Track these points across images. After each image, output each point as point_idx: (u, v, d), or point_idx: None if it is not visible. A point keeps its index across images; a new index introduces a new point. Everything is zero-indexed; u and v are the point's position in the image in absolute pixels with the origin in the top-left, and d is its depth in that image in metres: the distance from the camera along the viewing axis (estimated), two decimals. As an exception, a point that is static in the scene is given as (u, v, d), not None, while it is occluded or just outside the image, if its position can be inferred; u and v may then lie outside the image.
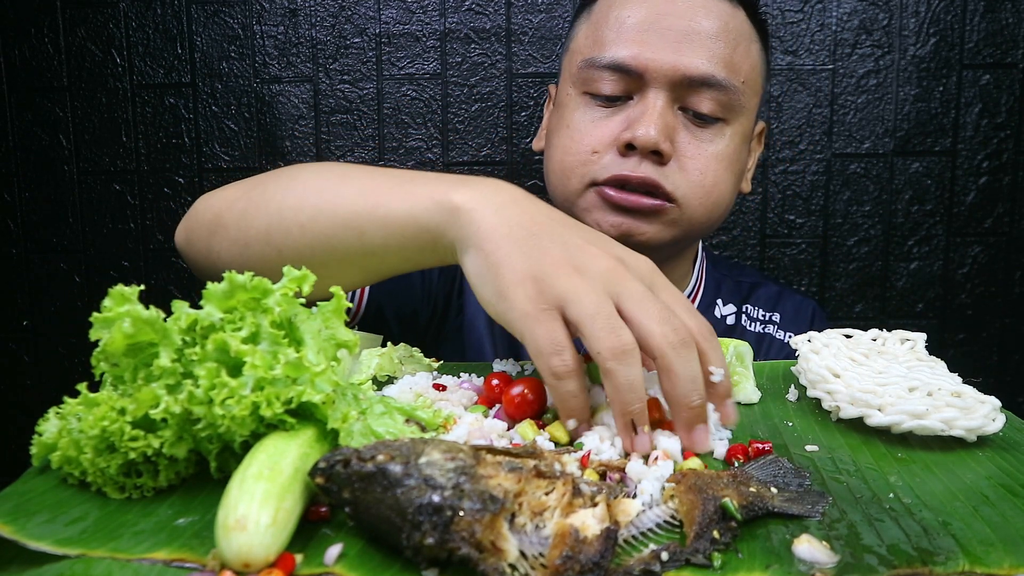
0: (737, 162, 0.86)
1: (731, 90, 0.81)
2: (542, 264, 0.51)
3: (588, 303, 0.49)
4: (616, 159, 0.81)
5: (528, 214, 0.54)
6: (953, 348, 1.39)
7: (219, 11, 1.32)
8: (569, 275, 0.50)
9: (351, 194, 0.61)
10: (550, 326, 0.49)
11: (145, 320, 0.44)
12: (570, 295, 0.49)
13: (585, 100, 0.85)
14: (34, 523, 0.41)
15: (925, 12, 1.29)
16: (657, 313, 0.49)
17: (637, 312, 0.49)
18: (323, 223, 0.62)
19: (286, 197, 0.65)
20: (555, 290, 0.49)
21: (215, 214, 0.70)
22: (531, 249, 0.52)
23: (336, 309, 0.50)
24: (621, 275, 0.51)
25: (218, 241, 0.69)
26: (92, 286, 1.41)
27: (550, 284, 0.50)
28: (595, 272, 0.50)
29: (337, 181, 0.64)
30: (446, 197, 0.56)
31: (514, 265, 0.51)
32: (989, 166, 1.33)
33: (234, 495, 0.37)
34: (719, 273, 1.03)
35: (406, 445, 0.39)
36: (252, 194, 0.68)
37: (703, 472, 0.44)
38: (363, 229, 0.60)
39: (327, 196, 0.62)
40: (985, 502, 0.44)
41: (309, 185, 0.65)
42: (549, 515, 0.38)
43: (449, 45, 1.32)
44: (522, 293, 0.50)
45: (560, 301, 0.49)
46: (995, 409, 0.54)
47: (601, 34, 0.83)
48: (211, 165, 1.36)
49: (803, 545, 0.38)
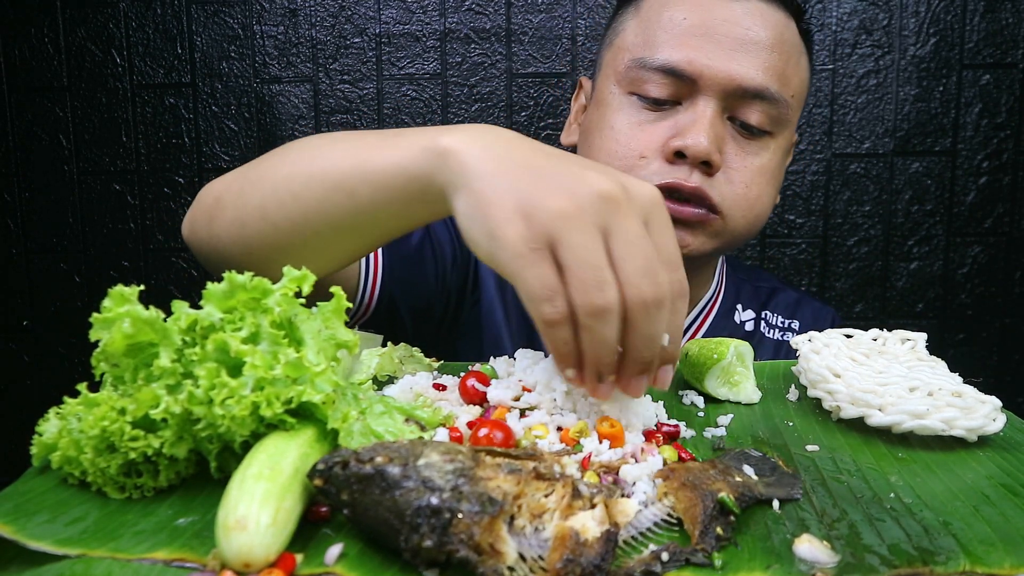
0: (778, 175, 0.86)
1: (781, 104, 0.80)
2: (532, 196, 0.47)
3: (577, 245, 0.46)
4: (664, 166, 0.79)
5: (521, 149, 0.52)
6: (953, 348, 1.39)
7: (219, 11, 1.32)
8: (561, 208, 0.46)
9: (339, 156, 0.60)
10: (541, 269, 0.46)
11: (145, 320, 0.44)
12: (561, 232, 0.46)
13: (630, 101, 0.83)
14: (34, 523, 0.41)
15: (925, 12, 1.29)
16: (643, 263, 0.47)
17: (623, 256, 0.47)
18: (315, 188, 0.60)
19: (278, 169, 0.64)
20: (546, 226, 0.46)
21: (215, 198, 0.69)
22: (522, 181, 0.48)
23: (336, 309, 0.50)
24: (616, 206, 0.47)
25: (218, 224, 0.67)
26: (92, 286, 1.41)
27: (540, 220, 0.46)
28: (589, 201, 0.47)
29: (327, 146, 0.63)
30: (433, 142, 0.53)
31: (503, 200, 0.48)
32: (989, 166, 1.33)
33: (234, 495, 0.37)
34: (738, 277, 1.02)
35: (404, 447, 0.38)
36: (248, 173, 0.67)
37: (691, 465, 0.45)
38: (353, 188, 0.58)
39: (317, 162, 0.61)
40: (986, 502, 0.44)
41: (300, 154, 0.64)
42: (548, 517, 0.38)
43: (449, 45, 1.32)
44: (512, 231, 0.47)
45: (551, 239, 0.46)
46: (995, 409, 0.54)
47: (652, 34, 0.81)
48: (211, 165, 1.36)
49: (804, 545, 0.38)
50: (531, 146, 0.52)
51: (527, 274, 0.47)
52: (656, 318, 0.48)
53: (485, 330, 0.93)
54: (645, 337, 0.48)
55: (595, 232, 0.46)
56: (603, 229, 0.47)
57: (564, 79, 1.32)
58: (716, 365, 0.62)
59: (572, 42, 1.32)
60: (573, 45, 1.32)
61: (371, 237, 0.64)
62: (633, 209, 0.48)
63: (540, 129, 1.34)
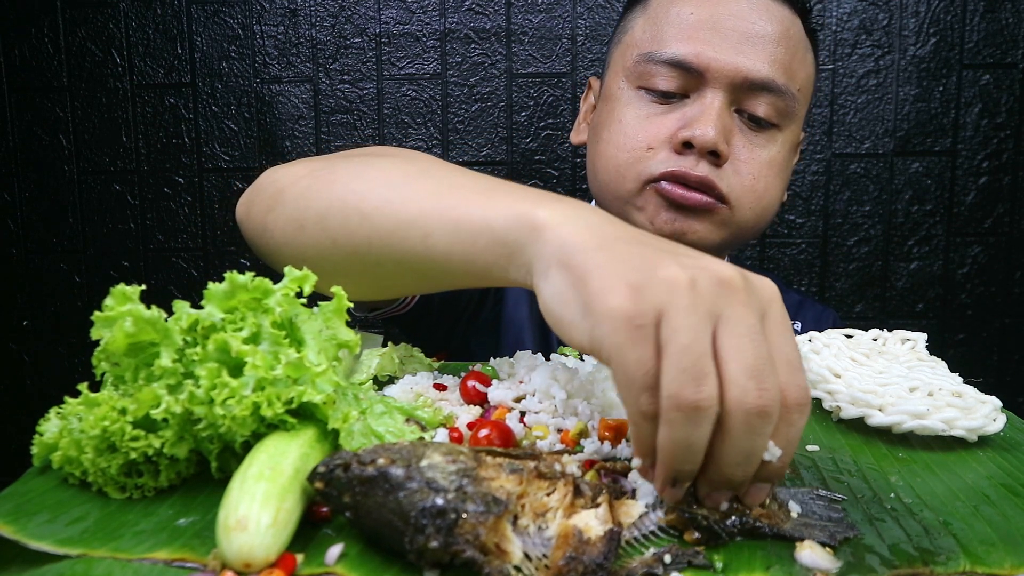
0: (786, 169, 0.86)
1: (788, 96, 0.81)
2: (642, 268, 0.41)
3: (684, 326, 0.39)
4: (671, 156, 0.80)
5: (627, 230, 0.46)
6: (953, 348, 1.39)
7: (219, 11, 1.32)
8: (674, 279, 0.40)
9: (424, 190, 0.55)
10: (644, 350, 0.39)
11: (146, 320, 0.44)
12: (669, 307, 0.39)
13: (639, 95, 0.84)
14: (35, 523, 0.41)
15: (925, 12, 1.29)
16: (752, 361, 0.39)
17: (730, 350, 0.39)
18: (387, 215, 0.55)
19: (352, 181, 0.59)
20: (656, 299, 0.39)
21: (278, 188, 0.64)
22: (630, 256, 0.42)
23: (337, 309, 0.50)
24: (734, 295, 0.41)
25: (274, 218, 0.63)
26: (92, 286, 1.41)
27: (651, 291, 0.40)
28: (706, 285, 0.40)
29: (414, 175, 0.57)
30: (530, 211, 0.48)
31: (606, 272, 0.41)
32: (989, 166, 1.33)
33: (235, 495, 0.37)
34: None
35: (406, 448, 0.38)
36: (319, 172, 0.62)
37: None
38: (430, 230, 0.53)
39: (397, 188, 0.56)
40: (986, 502, 0.45)
41: (382, 173, 0.59)
42: (551, 516, 0.38)
43: (449, 45, 1.32)
44: (615, 301, 0.40)
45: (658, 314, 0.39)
46: (996, 409, 0.54)
47: (660, 29, 0.82)
48: (211, 165, 1.36)
49: (805, 551, 0.38)
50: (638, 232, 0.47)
51: (628, 355, 0.39)
52: (758, 430, 0.39)
53: (505, 332, 0.92)
54: (740, 451, 0.40)
55: (705, 317, 0.40)
56: (714, 316, 0.40)
57: (564, 79, 1.32)
58: (716, 365, 0.62)
59: (572, 42, 1.32)
60: (573, 45, 1.32)
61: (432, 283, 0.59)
62: (751, 299, 0.41)
63: (540, 129, 1.34)
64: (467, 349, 0.92)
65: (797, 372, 0.41)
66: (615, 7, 1.33)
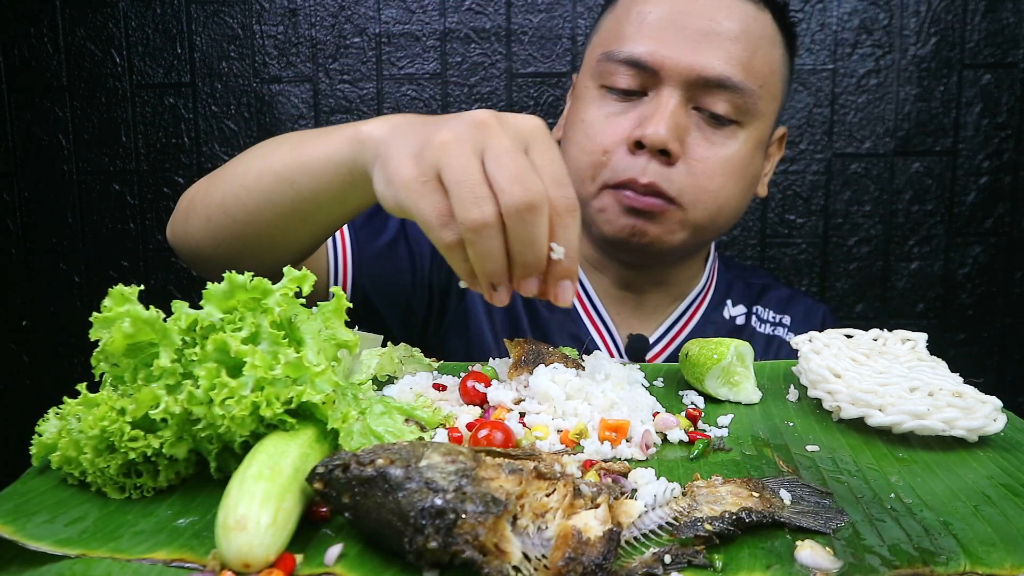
0: (749, 167, 0.86)
1: (747, 93, 0.81)
2: (420, 139, 0.53)
3: (456, 167, 0.50)
4: (626, 158, 0.81)
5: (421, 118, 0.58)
6: (954, 348, 1.39)
7: (219, 11, 1.32)
8: (442, 140, 0.51)
9: (283, 152, 0.68)
10: (432, 198, 0.51)
11: (145, 320, 0.44)
12: (442, 160, 0.51)
13: (601, 93, 0.85)
14: (34, 523, 0.41)
15: (925, 12, 1.29)
16: (513, 171, 0.50)
17: (492, 168, 0.50)
18: (263, 182, 0.67)
19: (236, 168, 0.71)
20: (431, 159, 0.51)
21: (189, 200, 0.77)
22: (416, 135, 0.54)
23: (336, 309, 0.50)
24: (489, 128, 0.52)
25: (191, 222, 0.75)
26: (92, 286, 1.41)
27: (426, 155, 0.51)
28: (465, 129, 0.52)
29: (275, 145, 0.70)
30: (355, 131, 0.60)
31: (399, 151, 0.54)
32: (990, 166, 1.33)
33: (234, 495, 0.37)
34: (731, 275, 1.03)
35: (405, 448, 0.38)
36: (215, 175, 0.75)
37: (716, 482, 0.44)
38: (294, 179, 0.65)
39: (266, 159, 0.69)
40: (986, 502, 0.44)
41: (255, 154, 0.71)
42: (551, 516, 0.38)
43: (449, 45, 1.32)
44: (404, 170, 0.52)
45: (436, 169, 0.51)
46: (996, 409, 0.54)
47: (621, 28, 0.84)
48: (211, 165, 1.36)
49: (805, 551, 0.38)
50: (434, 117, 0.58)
51: (422, 205, 0.51)
52: (532, 223, 0.50)
53: (471, 327, 0.93)
54: (523, 241, 0.51)
55: (471, 154, 0.50)
56: (479, 151, 0.51)
57: (564, 79, 1.32)
58: (716, 365, 0.62)
59: (572, 42, 1.32)
60: (573, 45, 1.32)
61: (317, 224, 0.70)
62: (506, 131, 0.52)
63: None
64: (445, 347, 0.93)
65: (563, 184, 0.52)
66: (615, 7, 1.33)
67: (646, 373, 0.68)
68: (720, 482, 0.44)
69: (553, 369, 0.58)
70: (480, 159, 0.51)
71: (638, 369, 0.68)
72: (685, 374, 0.66)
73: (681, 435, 0.54)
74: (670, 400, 0.63)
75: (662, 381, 0.68)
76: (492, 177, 0.50)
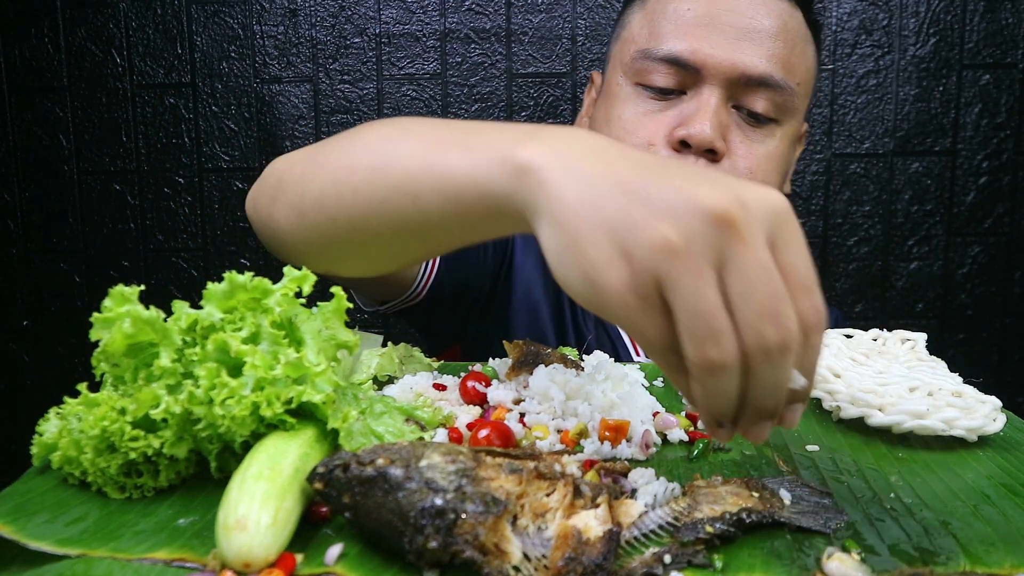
0: (785, 163, 0.87)
1: (787, 91, 0.81)
2: (632, 228, 0.39)
3: (686, 291, 0.38)
4: (670, 155, 0.81)
5: (612, 162, 0.43)
6: (953, 348, 1.39)
7: (219, 11, 1.32)
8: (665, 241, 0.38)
9: (407, 152, 0.53)
10: (655, 318, 0.39)
11: (145, 320, 0.44)
12: (669, 275, 0.38)
13: (636, 91, 0.84)
14: (34, 523, 0.41)
15: (925, 12, 1.29)
16: (765, 302, 0.38)
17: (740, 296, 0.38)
18: (377, 186, 0.53)
19: (341, 157, 0.57)
20: (650, 267, 0.38)
21: (277, 178, 0.63)
22: (617, 208, 0.40)
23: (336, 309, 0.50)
24: (733, 231, 0.38)
25: (278, 208, 0.62)
26: (92, 286, 1.41)
27: (643, 259, 0.38)
28: (699, 229, 0.38)
29: (396, 137, 0.55)
30: (511, 153, 0.45)
31: (598, 237, 0.40)
32: (989, 166, 1.33)
33: (234, 495, 0.37)
34: None
35: (405, 448, 0.38)
36: (313, 155, 0.61)
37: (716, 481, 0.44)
38: (418, 193, 0.51)
39: (382, 155, 0.54)
40: (986, 502, 0.44)
41: (366, 143, 0.57)
42: (551, 516, 0.38)
43: (449, 45, 1.32)
44: (614, 276, 0.39)
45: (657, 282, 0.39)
46: (996, 409, 0.54)
47: (657, 25, 0.82)
48: (211, 165, 1.36)
49: (833, 563, 0.37)
50: (623, 155, 0.43)
51: (641, 325, 0.40)
52: (780, 365, 0.39)
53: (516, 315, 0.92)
54: (767, 387, 0.40)
55: (706, 270, 0.38)
56: (717, 264, 0.38)
57: (564, 79, 1.32)
58: (716, 365, 0.62)
59: (572, 42, 1.32)
60: (573, 45, 1.32)
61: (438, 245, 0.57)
62: (753, 231, 0.39)
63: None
64: (483, 337, 0.92)
65: (812, 293, 0.40)
66: (615, 7, 1.33)
67: (646, 373, 0.68)
68: (720, 482, 0.44)
69: (553, 369, 0.58)
70: (718, 274, 0.38)
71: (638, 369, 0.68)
72: (685, 374, 0.66)
73: (681, 435, 0.54)
74: (670, 400, 0.63)
75: (662, 381, 0.68)
76: (736, 306, 0.38)
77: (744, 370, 0.39)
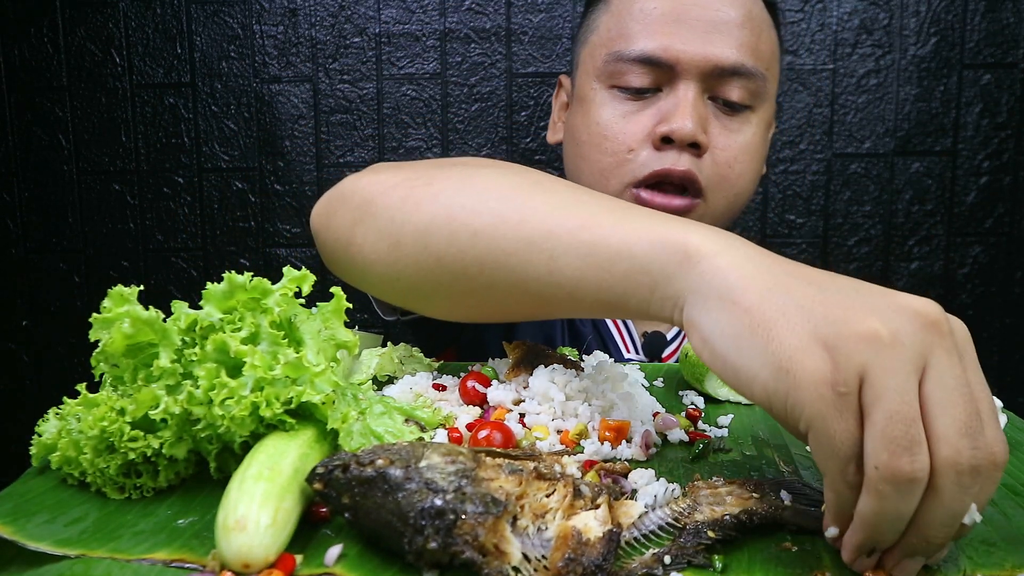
0: (761, 149, 0.88)
1: (758, 77, 0.83)
2: (837, 322, 0.36)
3: (890, 389, 0.35)
4: (653, 154, 0.82)
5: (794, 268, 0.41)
6: (953, 348, 1.38)
7: (219, 11, 1.32)
8: (873, 333, 0.36)
9: (545, 206, 0.49)
10: (850, 419, 0.35)
11: (145, 320, 0.44)
12: (872, 368, 0.35)
13: (612, 94, 0.85)
14: (34, 523, 0.41)
15: (925, 12, 1.29)
16: (964, 418, 0.35)
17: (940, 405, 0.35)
18: (503, 234, 0.49)
19: (457, 194, 0.53)
20: (857, 359, 0.35)
21: (365, 198, 0.58)
22: (814, 302, 0.38)
23: (336, 309, 0.50)
24: (940, 340, 0.37)
25: (363, 231, 0.57)
26: (92, 286, 1.41)
27: (850, 350, 0.35)
28: (908, 328, 0.36)
29: (527, 188, 0.52)
30: (679, 237, 0.43)
31: (794, 325, 0.37)
32: (990, 166, 1.33)
33: (234, 495, 0.37)
34: None
35: (405, 449, 0.38)
36: (415, 182, 0.56)
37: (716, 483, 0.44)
38: (557, 253, 0.47)
39: (512, 203, 0.50)
40: (986, 502, 0.44)
41: (489, 185, 0.53)
42: (551, 517, 0.38)
43: (449, 45, 1.32)
44: (812, 365, 0.36)
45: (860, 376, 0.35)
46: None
47: (626, 26, 0.83)
48: (211, 165, 1.36)
49: None
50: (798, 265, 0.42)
51: (834, 425, 0.35)
52: (969, 490, 0.35)
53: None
54: (948, 514, 0.36)
55: (912, 374, 0.36)
56: (920, 368, 0.36)
57: (564, 79, 1.32)
58: (716, 365, 0.62)
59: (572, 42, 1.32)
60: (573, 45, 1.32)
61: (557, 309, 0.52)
62: (955, 341, 0.37)
63: (540, 129, 1.34)
64: (479, 341, 0.92)
65: (998, 424, 0.37)
66: (615, 7, 1.33)
67: (646, 373, 0.68)
68: (720, 483, 0.44)
69: (552, 370, 0.58)
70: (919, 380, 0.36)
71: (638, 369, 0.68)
72: (685, 374, 0.66)
73: (681, 435, 0.54)
74: (670, 400, 0.63)
75: (662, 381, 0.68)
76: (933, 416, 0.35)
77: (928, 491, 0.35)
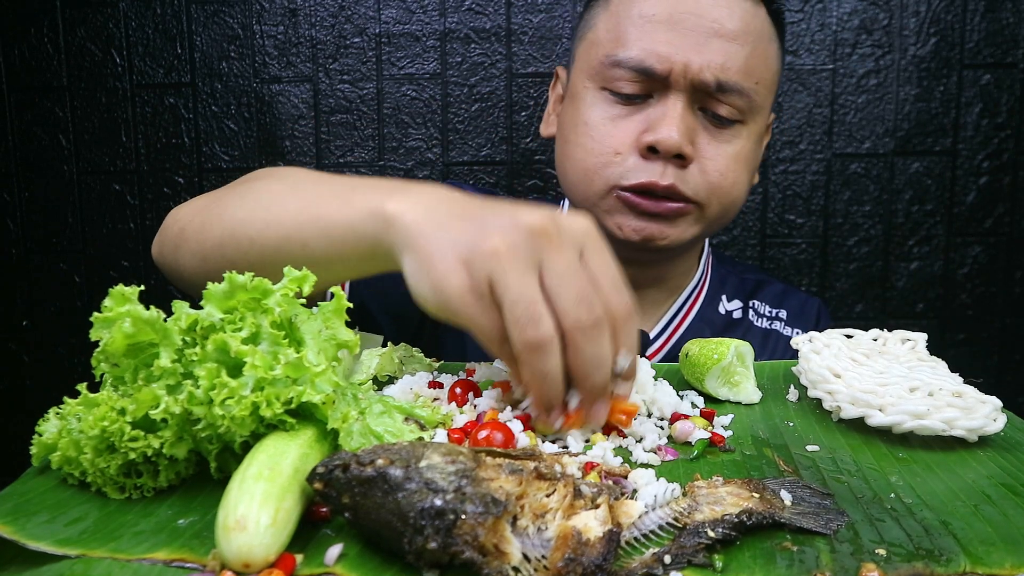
0: (753, 159, 0.88)
1: (749, 94, 0.83)
2: (470, 244, 0.49)
3: (511, 285, 0.47)
4: (639, 162, 0.82)
5: (458, 204, 0.53)
6: (954, 348, 1.38)
7: (219, 11, 1.32)
8: (494, 248, 0.48)
9: (295, 206, 0.63)
10: (489, 312, 0.49)
11: (145, 320, 0.44)
12: (495, 272, 0.48)
13: (603, 96, 0.85)
14: (34, 523, 0.41)
15: (925, 12, 1.29)
16: (576, 291, 0.48)
17: (556, 287, 0.48)
18: (270, 235, 0.63)
19: (237, 211, 0.67)
20: (483, 269, 0.48)
21: (180, 228, 0.72)
22: (459, 231, 0.50)
23: (336, 309, 0.50)
24: (548, 239, 0.49)
25: (182, 254, 0.71)
26: (92, 286, 1.41)
27: (478, 264, 0.48)
28: (521, 238, 0.48)
29: (284, 192, 0.66)
30: (380, 206, 0.55)
31: (444, 253, 0.50)
32: (989, 166, 1.33)
33: (234, 495, 0.37)
34: (724, 269, 1.04)
35: (405, 448, 0.38)
36: (211, 207, 0.70)
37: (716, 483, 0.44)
38: (306, 240, 0.61)
39: (274, 209, 0.64)
40: (986, 502, 0.44)
41: (259, 197, 0.67)
42: (551, 517, 0.38)
43: (449, 45, 1.32)
44: (455, 280, 0.49)
45: (489, 281, 0.48)
46: (996, 409, 0.54)
47: (623, 30, 0.83)
48: (211, 165, 1.36)
49: None
50: (469, 201, 0.54)
51: (479, 320, 0.49)
52: (596, 339, 0.49)
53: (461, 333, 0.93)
54: (591, 360, 0.49)
55: (528, 268, 0.48)
56: (537, 264, 0.48)
57: (564, 79, 1.32)
58: (716, 365, 0.62)
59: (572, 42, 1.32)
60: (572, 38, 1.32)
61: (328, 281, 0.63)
62: (565, 241, 0.49)
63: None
64: (438, 343, 0.93)
65: (620, 290, 0.51)
66: (615, 7, 1.33)
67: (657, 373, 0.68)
68: (720, 483, 0.44)
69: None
70: (538, 273, 0.48)
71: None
72: (685, 374, 0.66)
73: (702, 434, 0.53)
74: (670, 400, 0.63)
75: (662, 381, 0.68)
76: (554, 297, 0.48)
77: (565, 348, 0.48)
